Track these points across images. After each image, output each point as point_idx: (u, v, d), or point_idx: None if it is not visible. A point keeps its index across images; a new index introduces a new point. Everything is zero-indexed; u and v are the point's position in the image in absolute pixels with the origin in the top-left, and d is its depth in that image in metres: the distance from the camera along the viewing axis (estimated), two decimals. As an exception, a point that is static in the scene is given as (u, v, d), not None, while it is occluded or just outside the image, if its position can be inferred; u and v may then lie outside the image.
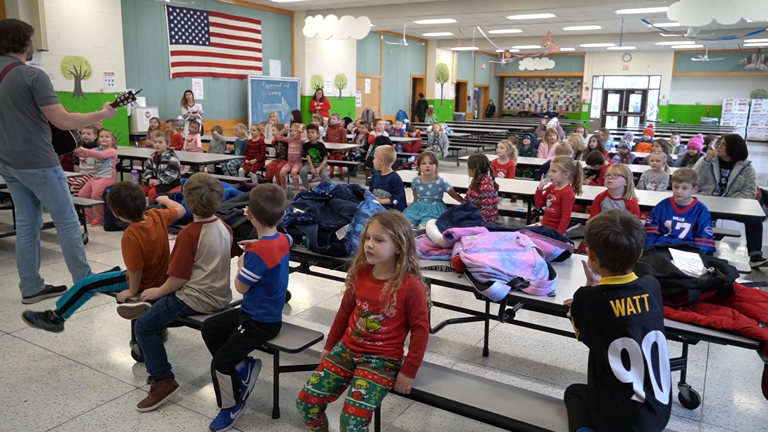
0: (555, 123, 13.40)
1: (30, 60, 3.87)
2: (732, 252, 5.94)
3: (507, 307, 2.57)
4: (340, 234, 3.05)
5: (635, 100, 24.33)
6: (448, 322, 3.71)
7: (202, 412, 2.77)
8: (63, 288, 4.25)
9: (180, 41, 12.04)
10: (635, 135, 12.15)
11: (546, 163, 6.51)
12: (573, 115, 24.55)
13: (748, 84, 21.58)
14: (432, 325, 3.52)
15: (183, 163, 6.97)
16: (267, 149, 8.95)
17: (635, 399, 1.84)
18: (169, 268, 2.83)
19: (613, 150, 9.34)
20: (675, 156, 8.53)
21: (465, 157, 6.05)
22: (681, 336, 2.28)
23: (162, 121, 10.30)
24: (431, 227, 3.02)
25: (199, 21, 12.39)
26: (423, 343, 2.26)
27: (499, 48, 18.64)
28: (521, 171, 7.82)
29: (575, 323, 2.01)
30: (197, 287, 2.82)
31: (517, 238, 2.77)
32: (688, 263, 2.54)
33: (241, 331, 2.58)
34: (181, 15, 11.97)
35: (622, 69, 23.68)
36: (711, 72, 21.58)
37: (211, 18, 12.61)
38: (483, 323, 3.56)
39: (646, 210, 4.37)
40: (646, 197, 4.91)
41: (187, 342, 3.51)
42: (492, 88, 27.09)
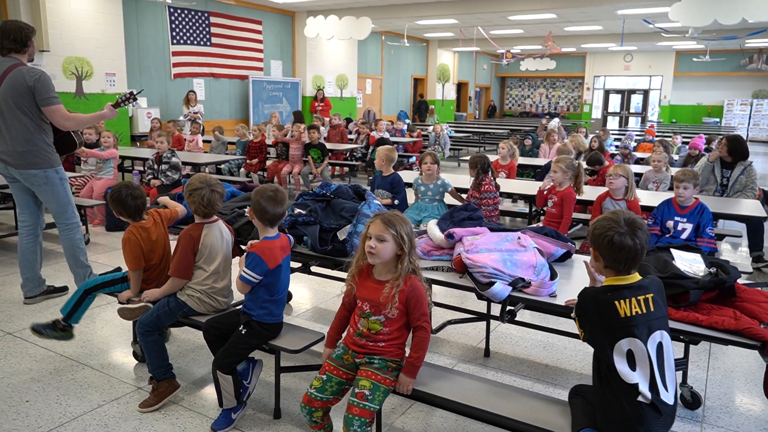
0: (556, 123, 13.40)
1: (32, 61, 3.88)
2: (733, 252, 5.93)
3: (508, 308, 2.56)
4: (341, 234, 3.05)
5: (636, 100, 24.33)
6: (449, 322, 3.71)
7: (203, 412, 2.77)
8: (65, 288, 4.26)
9: (181, 42, 12.06)
10: (636, 135, 12.14)
11: (547, 164, 6.51)
12: (574, 116, 24.54)
13: (749, 84, 21.56)
14: (433, 326, 3.52)
15: (184, 164, 6.98)
16: (268, 150, 8.95)
17: (641, 400, 1.83)
18: (171, 268, 2.84)
19: (613, 150, 9.33)
20: (676, 156, 8.52)
21: (466, 158, 6.05)
22: (682, 336, 2.28)
23: (163, 122, 10.32)
24: (432, 227, 3.02)
25: (201, 21, 12.40)
26: (425, 344, 2.26)
27: (501, 48, 18.63)
28: (522, 171, 7.82)
29: (579, 324, 2.00)
30: (199, 288, 2.83)
31: (519, 238, 2.77)
32: (689, 264, 2.54)
33: (243, 332, 2.58)
34: (183, 15, 11.98)
35: (623, 69, 23.67)
36: (712, 72, 21.57)
37: (213, 18, 12.63)
38: (484, 324, 3.56)
39: (647, 210, 4.37)
40: (647, 198, 4.90)
41: (189, 342, 3.52)
42: (493, 88, 27.10)
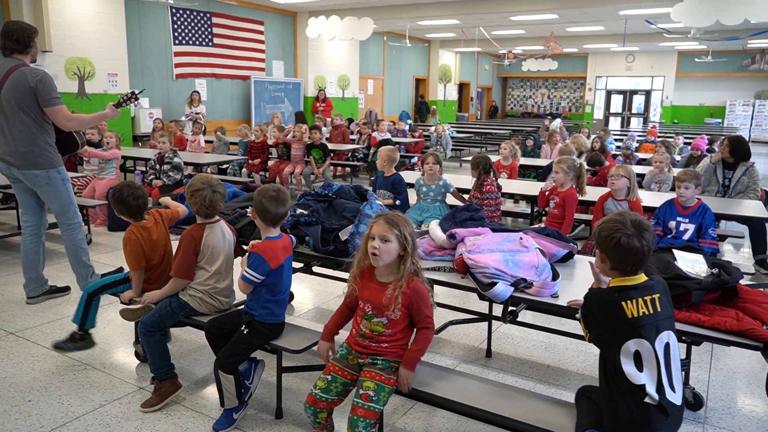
0: (558, 124, 13.38)
1: (34, 61, 3.88)
2: (736, 253, 5.92)
3: (510, 308, 2.56)
4: (343, 235, 3.05)
5: (638, 101, 24.31)
6: (451, 323, 3.71)
7: (205, 412, 2.77)
8: (67, 288, 4.27)
9: (183, 42, 12.07)
10: (638, 136, 12.12)
11: (549, 165, 6.51)
12: (576, 116, 24.53)
13: (752, 85, 21.53)
14: (435, 326, 3.52)
15: (186, 164, 6.99)
16: (270, 150, 8.96)
17: (648, 401, 1.81)
18: (173, 269, 2.84)
19: (615, 150, 9.32)
20: (678, 157, 8.51)
21: (468, 158, 6.04)
22: (684, 337, 2.28)
23: (165, 122, 10.33)
24: (434, 228, 3.02)
25: (202, 22, 12.41)
26: (427, 341, 2.28)
27: (502, 49, 18.63)
28: (524, 172, 7.82)
29: (585, 325, 1.99)
30: (201, 288, 2.83)
31: (521, 239, 2.77)
32: (691, 264, 2.54)
33: (245, 332, 2.59)
34: (184, 16, 12.00)
35: (625, 70, 23.66)
36: (714, 73, 21.54)
37: (214, 19, 12.64)
38: (486, 324, 3.56)
39: (649, 211, 4.36)
40: (649, 198, 4.90)
41: (191, 342, 3.52)
42: (495, 88, 27.09)
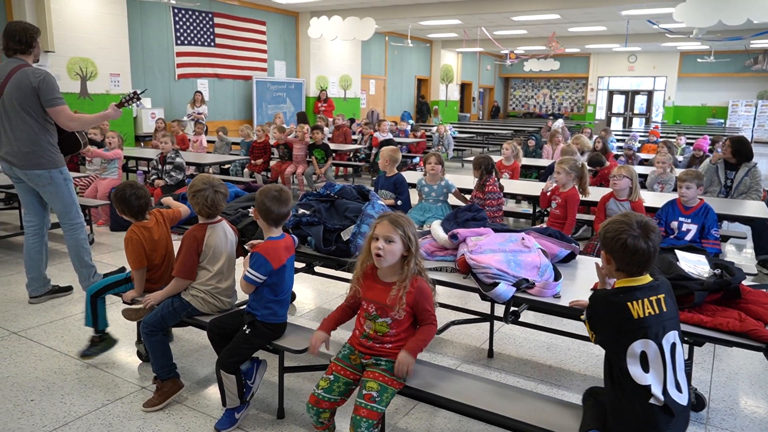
0: (560, 124, 13.37)
1: (37, 62, 3.89)
2: (738, 254, 5.91)
3: (512, 309, 2.56)
4: (345, 235, 3.05)
5: (641, 101, 24.28)
6: (452, 323, 3.71)
7: (207, 412, 2.78)
8: (69, 288, 4.28)
9: (185, 42, 12.09)
10: (641, 136, 12.11)
11: (551, 165, 6.50)
12: (578, 116, 24.51)
13: (754, 85, 21.49)
14: (437, 326, 3.52)
15: (188, 164, 7.00)
16: (272, 150, 8.96)
17: (653, 402, 1.80)
18: (175, 269, 2.84)
19: (617, 150, 9.31)
20: (680, 157, 8.49)
21: (470, 158, 6.05)
22: (687, 338, 2.27)
23: (168, 122, 10.34)
24: (436, 228, 3.02)
25: (204, 22, 12.43)
26: (429, 336, 2.29)
27: (504, 49, 18.63)
28: (526, 172, 7.81)
29: (591, 326, 1.98)
30: (203, 288, 2.83)
31: (523, 239, 2.77)
32: (694, 265, 2.53)
33: (247, 332, 2.59)
34: (187, 16, 12.01)
35: (627, 70, 23.63)
36: (717, 73, 21.50)
37: (216, 19, 12.65)
38: (488, 324, 3.55)
39: (651, 211, 4.36)
40: (652, 198, 4.89)
41: (193, 342, 3.52)
42: (497, 89, 27.08)
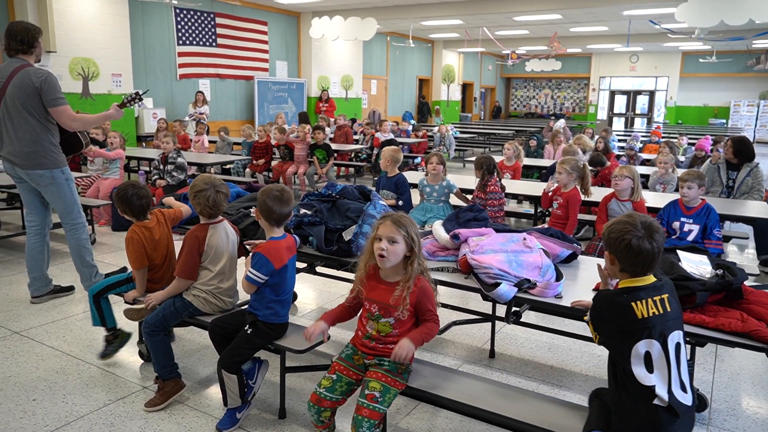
0: (562, 124, 13.35)
1: (39, 62, 3.90)
2: (740, 254, 5.90)
3: (513, 309, 2.56)
4: (346, 235, 3.05)
5: (642, 101, 24.24)
6: (454, 323, 3.71)
7: (208, 412, 2.78)
8: (71, 288, 4.28)
9: (187, 42, 12.09)
10: (642, 136, 12.09)
11: (553, 165, 6.49)
12: (580, 117, 24.48)
13: (756, 85, 21.45)
14: (440, 326, 3.52)
15: (190, 164, 7.00)
16: (273, 150, 8.96)
17: (657, 403, 1.79)
18: (176, 269, 2.85)
19: (618, 150, 9.30)
20: (682, 158, 8.48)
21: (471, 159, 6.05)
22: (689, 338, 2.27)
23: (169, 122, 10.35)
24: (438, 228, 3.02)
25: (206, 22, 12.43)
26: (432, 332, 2.28)
27: (506, 49, 18.61)
28: (527, 172, 7.80)
29: (594, 327, 1.98)
30: (204, 288, 2.84)
31: (524, 239, 2.77)
32: (696, 265, 2.53)
33: (248, 332, 2.59)
34: (188, 16, 12.02)
35: (629, 70, 23.60)
36: (719, 73, 21.47)
37: (218, 19, 12.66)
38: (489, 325, 3.55)
39: (653, 211, 4.35)
40: (653, 199, 4.89)
41: (194, 342, 3.53)
42: (498, 89, 27.06)
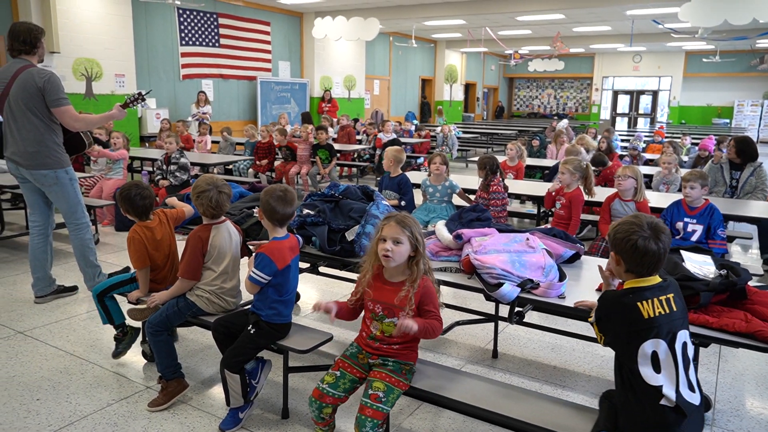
0: (565, 124, 13.33)
1: (42, 62, 3.91)
2: (744, 254, 5.89)
3: (516, 309, 2.56)
4: (349, 235, 3.05)
5: (645, 101, 24.19)
6: (457, 323, 3.71)
7: (211, 411, 2.78)
8: (74, 288, 4.29)
9: (190, 43, 12.11)
10: (645, 136, 12.07)
11: (556, 165, 6.48)
12: (582, 117, 24.45)
13: (760, 85, 21.38)
14: (443, 326, 3.51)
15: (193, 164, 7.01)
16: (276, 150, 8.98)
17: (664, 403, 1.78)
18: (180, 270, 2.85)
19: (621, 150, 9.28)
20: (686, 158, 8.46)
21: (474, 159, 6.05)
22: (692, 339, 2.26)
23: (172, 123, 10.37)
24: (441, 228, 3.02)
25: (209, 23, 12.45)
26: (434, 328, 2.23)
27: (509, 49, 18.58)
28: (530, 172, 7.79)
29: (599, 329, 1.97)
30: (208, 288, 2.84)
31: (527, 239, 2.76)
32: (699, 266, 2.52)
33: (251, 331, 2.59)
34: (191, 17, 12.04)
35: (632, 70, 23.55)
36: (722, 73, 21.41)
37: (221, 20, 12.68)
38: (492, 325, 3.55)
39: (657, 212, 4.34)
40: (657, 199, 4.88)
41: (197, 342, 3.53)
42: (501, 89, 27.03)
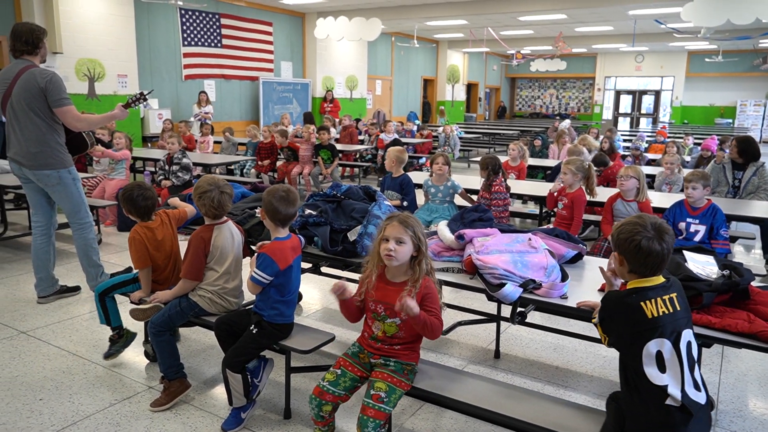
0: (567, 124, 13.32)
1: (44, 62, 3.92)
2: (747, 255, 5.88)
3: (519, 309, 2.55)
4: (351, 235, 3.05)
5: (648, 101, 24.15)
6: (459, 323, 3.71)
7: (214, 411, 2.78)
8: (77, 288, 4.30)
9: (192, 43, 12.13)
10: (648, 136, 12.04)
11: (558, 165, 6.48)
12: (585, 117, 24.42)
13: (763, 85, 21.33)
14: (443, 327, 3.51)
15: (195, 165, 7.02)
16: (278, 151, 8.98)
17: (670, 403, 1.77)
18: (182, 270, 2.86)
19: (623, 150, 9.26)
20: (688, 158, 8.45)
21: (476, 159, 6.05)
22: (695, 339, 2.26)
23: (175, 123, 10.38)
24: (443, 229, 3.02)
25: (211, 23, 12.47)
26: (434, 326, 2.20)
27: (511, 49, 18.58)
28: (532, 173, 7.79)
29: (603, 329, 1.97)
30: (210, 288, 2.84)
31: (529, 239, 2.76)
32: (702, 266, 2.52)
33: (254, 331, 2.60)
34: (194, 17, 12.06)
35: (634, 70, 23.52)
36: (725, 73, 21.37)
37: (223, 20, 12.69)
38: (494, 325, 3.55)
39: (659, 212, 4.33)
40: (659, 199, 4.87)
41: (200, 342, 3.54)
42: (503, 89, 27.02)
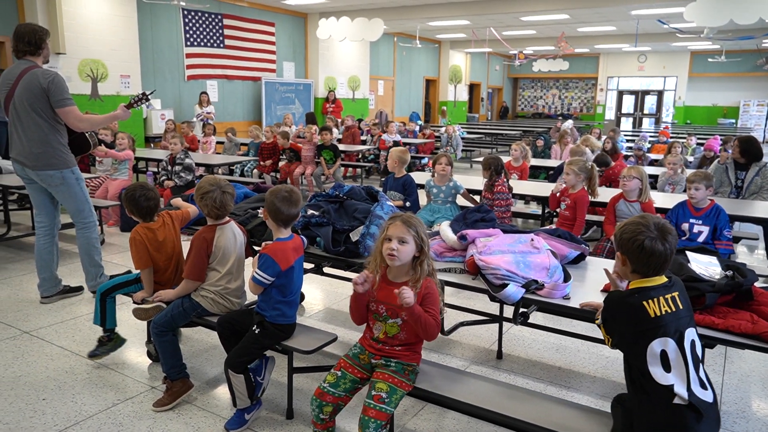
0: (570, 125, 13.31)
1: (47, 63, 3.93)
2: (750, 255, 5.86)
3: (521, 310, 2.55)
4: (354, 235, 3.05)
5: (650, 101, 24.12)
6: (461, 324, 3.70)
7: (216, 412, 2.79)
8: (80, 288, 4.31)
9: (195, 44, 12.15)
10: (650, 137, 12.02)
11: (560, 166, 6.47)
12: (587, 117, 24.39)
13: (766, 85, 21.28)
14: (445, 327, 3.51)
15: (197, 165, 7.03)
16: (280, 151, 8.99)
17: (678, 402, 1.76)
18: (185, 271, 2.86)
19: (625, 150, 9.25)
20: (691, 158, 8.43)
21: (478, 159, 6.05)
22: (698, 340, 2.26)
23: (177, 123, 10.40)
24: (445, 229, 3.02)
25: (214, 24, 12.48)
26: (430, 325, 2.17)
27: (513, 49, 18.57)
28: (534, 173, 7.78)
29: (606, 330, 1.96)
30: (212, 289, 2.85)
31: (532, 240, 2.76)
32: (705, 266, 2.51)
33: (256, 332, 2.60)
34: (196, 18, 12.07)
35: (637, 70, 23.48)
36: (728, 73, 21.32)
37: (226, 21, 12.71)
38: (497, 326, 3.54)
39: (662, 212, 4.33)
40: (662, 199, 4.86)
41: (202, 342, 3.54)
42: (506, 89, 27.00)
